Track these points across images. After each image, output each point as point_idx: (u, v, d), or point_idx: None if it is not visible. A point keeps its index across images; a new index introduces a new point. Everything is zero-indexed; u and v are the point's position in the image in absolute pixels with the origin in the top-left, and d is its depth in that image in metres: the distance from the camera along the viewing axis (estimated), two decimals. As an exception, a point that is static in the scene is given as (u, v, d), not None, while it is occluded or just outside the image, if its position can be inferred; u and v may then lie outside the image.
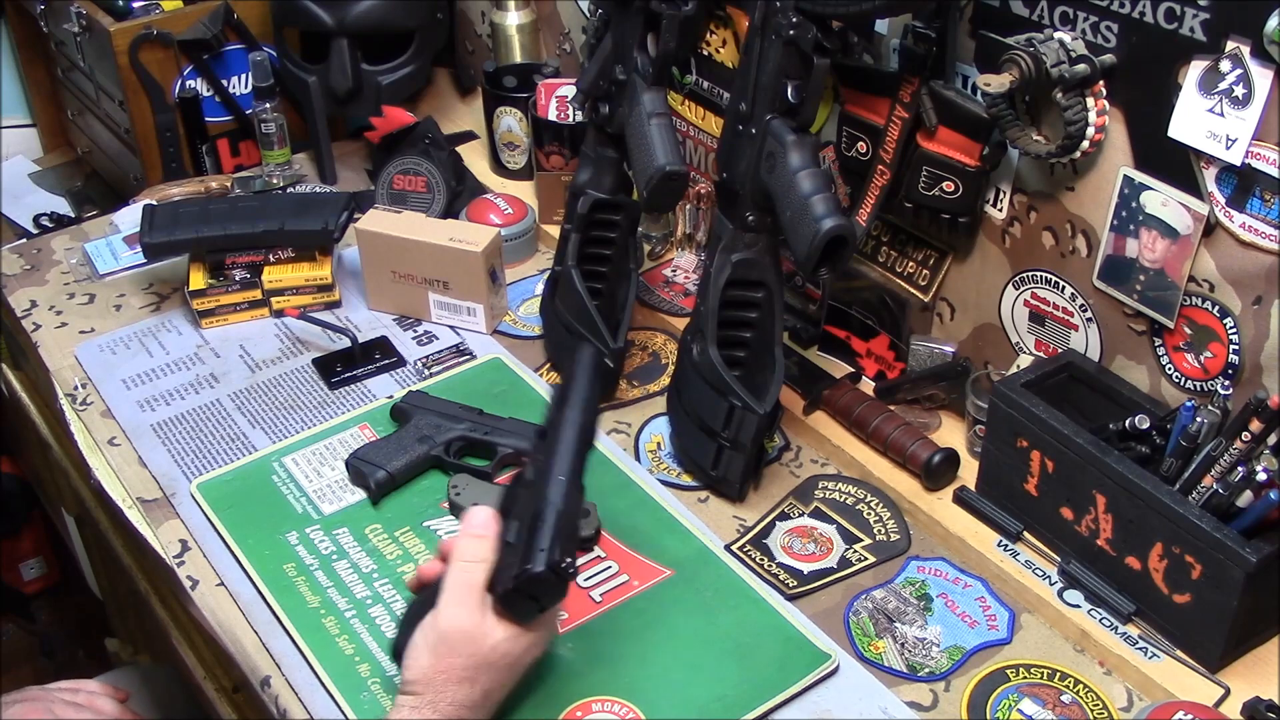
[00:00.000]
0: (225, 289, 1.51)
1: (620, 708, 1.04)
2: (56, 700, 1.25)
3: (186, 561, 1.21)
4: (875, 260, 1.37)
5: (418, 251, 1.47)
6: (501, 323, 1.53)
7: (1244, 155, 1.01)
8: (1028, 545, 1.19)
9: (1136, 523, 1.07)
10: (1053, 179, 1.18)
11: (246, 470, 1.30)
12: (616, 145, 1.36)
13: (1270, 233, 1.02)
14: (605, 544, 1.20)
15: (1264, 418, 1.01)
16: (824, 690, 1.07)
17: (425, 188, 1.67)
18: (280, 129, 1.76)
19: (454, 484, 1.24)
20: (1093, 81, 1.09)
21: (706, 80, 1.52)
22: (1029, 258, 1.23)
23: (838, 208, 1.11)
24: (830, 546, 1.21)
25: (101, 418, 1.39)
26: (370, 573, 1.18)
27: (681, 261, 1.61)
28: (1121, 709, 1.05)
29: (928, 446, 1.24)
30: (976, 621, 1.13)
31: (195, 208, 1.55)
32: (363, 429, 1.35)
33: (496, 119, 1.75)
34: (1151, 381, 1.17)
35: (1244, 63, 0.99)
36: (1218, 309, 1.09)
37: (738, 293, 1.23)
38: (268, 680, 1.10)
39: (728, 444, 1.23)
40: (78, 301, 1.58)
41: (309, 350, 1.48)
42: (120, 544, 1.55)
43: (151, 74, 1.75)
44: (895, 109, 1.24)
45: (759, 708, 1.04)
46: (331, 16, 1.72)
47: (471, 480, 1.24)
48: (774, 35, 1.14)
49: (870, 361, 1.40)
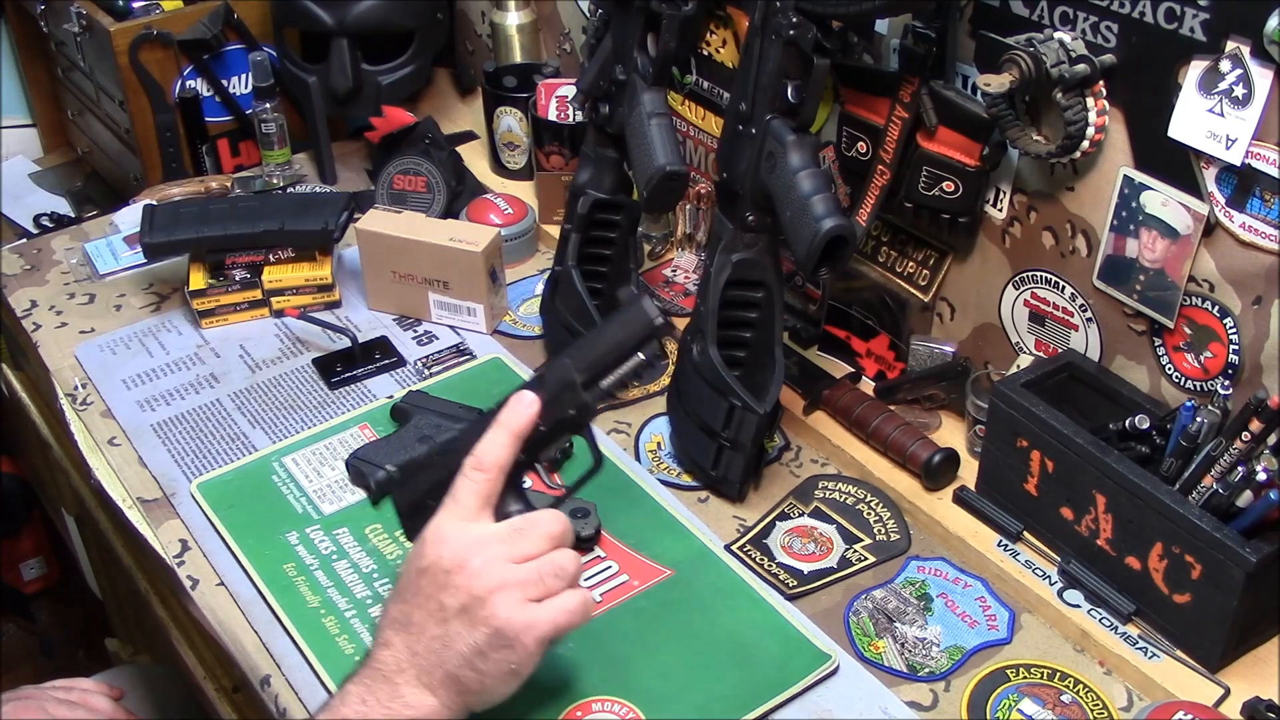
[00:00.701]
0: (225, 289, 1.51)
1: (620, 708, 1.04)
2: (50, 699, 1.25)
3: (186, 561, 1.21)
4: (875, 260, 1.37)
5: (418, 251, 1.47)
6: (501, 323, 1.53)
7: (1244, 155, 1.01)
8: (1028, 545, 1.19)
9: (1136, 523, 1.07)
10: (1053, 179, 1.18)
11: (246, 470, 1.30)
12: (616, 145, 1.36)
13: (1270, 233, 1.02)
14: (605, 544, 1.20)
15: (1264, 418, 1.01)
16: (824, 690, 1.07)
17: (425, 188, 1.67)
18: (280, 129, 1.76)
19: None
20: (1093, 81, 1.09)
21: (706, 80, 1.52)
22: (1029, 258, 1.23)
23: (838, 208, 1.11)
24: (830, 546, 1.21)
25: (101, 418, 1.39)
26: (370, 573, 1.18)
27: (681, 261, 1.61)
28: (1121, 709, 1.05)
29: (928, 446, 1.24)
30: (976, 621, 1.13)
31: (195, 208, 1.55)
32: (363, 429, 1.35)
33: (496, 119, 1.75)
34: (1151, 381, 1.17)
35: (1244, 63, 0.99)
36: (1218, 309, 1.09)
37: (738, 293, 1.23)
38: (268, 680, 1.10)
39: (728, 444, 1.23)
40: (78, 301, 1.58)
41: (309, 350, 1.49)
42: (120, 544, 1.55)
43: (151, 74, 1.75)
44: (895, 109, 1.24)
45: (759, 708, 1.04)
46: (331, 16, 1.72)
47: (471, 480, 1.24)
48: (774, 35, 1.14)
49: (870, 361, 1.40)
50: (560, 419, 0.99)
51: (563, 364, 0.99)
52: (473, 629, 0.91)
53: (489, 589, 0.91)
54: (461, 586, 0.91)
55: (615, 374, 0.98)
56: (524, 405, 0.97)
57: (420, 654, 0.92)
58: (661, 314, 0.97)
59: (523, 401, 0.98)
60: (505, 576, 0.91)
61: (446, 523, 0.95)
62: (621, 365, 0.98)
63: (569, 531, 0.96)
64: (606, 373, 0.98)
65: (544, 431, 0.99)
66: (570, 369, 0.98)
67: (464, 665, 0.91)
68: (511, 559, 0.92)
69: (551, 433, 0.99)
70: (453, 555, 0.93)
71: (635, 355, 0.98)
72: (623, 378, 0.99)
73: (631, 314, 0.98)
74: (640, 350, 0.98)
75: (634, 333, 0.98)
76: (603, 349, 0.99)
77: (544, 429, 0.99)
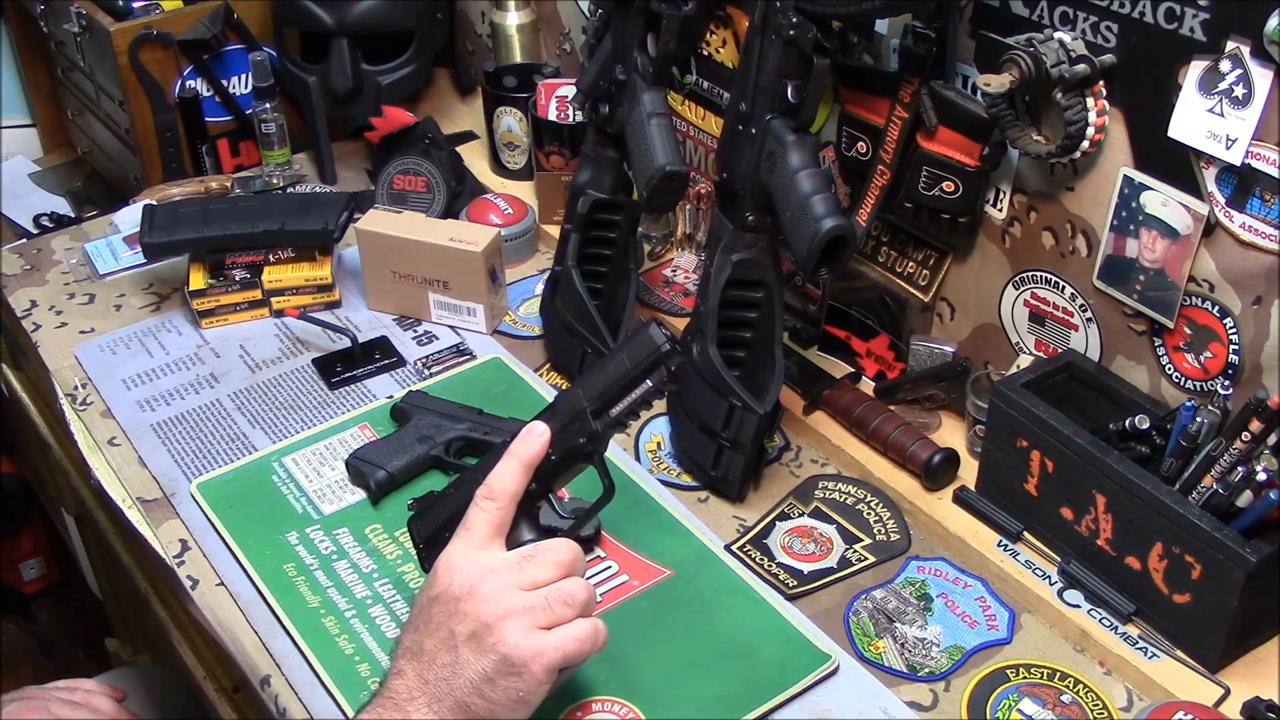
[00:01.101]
0: (225, 289, 1.51)
1: (620, 708, 1.04)
2: (53, 699, 1.25)
3: (186, 561, 1.21)
4: (875, 260, 1.37)
5: (418, 251, 1.47)
6: (501, 323, 1.53)
7: (1244, 155, 1.01)
8: (1028, 545, 1.19)
9: (1136, 523, 1.07)
10: (1053, 179, 1.18)
11: (246, 470, 1.30)
12: (616, 145, 1.36)
13: (1270, 233, 1.02)
14: (605, 544, 1.20)
15: (1264, 418, 1.01)
16: (824, 690, 1.07)
17: (425, 188, 1.67)
18: (280, 129, 1.76)
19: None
20: (1093, 81, 1.09)
21: (706, 80, 1.52)
22: (1029, 258, 1.23)
23: (838, 208, 1.11)
24: (830, 546, 1.21)
25: (101, 418, 1.39)
26: (370, 573, 1.18)
27: (681, 261, 1.61)
28: (1121, 709, 1.05)
29: (928, 446, 1.24)
30: (976, 621, 1.13)
31: (195, 208, 1.55)
32: (363, 429, 1.35)
33: (496, 119, 1.75)
34: (1151, 381, 1.17)
35: (1244, 63, 0.99)
36: (1218, 309, 1.09)
37: (738, 293, 1.23)
38: (268, 680, 1.10)
39: (728, 444, 1.23)
40: (78, 301, 1.58)
41: (309, 350, 1.49)
42: (120, 544, 1.55)
43: (151, 74, 1.75)
44: (895, 109, 1.24)
45: (759, 708, 1.04)
46: (331, 16, 1.72)
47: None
48: (774, 35, 1.14)
49: (870, 361, 1.40)
50: (571, 448, 1.00)
51: (573, 393, 1.01)
52: (481, 656, 0.91)
53: (498, 615, 0.91)
54: (470, 613, 0.92)
55: (624, 402, 1.00)
56: (535, 435, 0.99)
57: (431, 682, 0.92)
58: (670, 340, 0.98)
59: (534, 432, 0.99)
60: (514, 603, 0.92)
61: (457, 551, 0.96)
62: (630, 393, 1.00)
63: (580, 559, 0.96)
64: (616, 401, 1.00)
65: (555, 460, 1.00)
66: (580, 398, 1.00)
67: (473, 692, 0.91)
68: (520, 586, 0.93)
69: (563, 461, 1.01)
70: (462, 583, 0.93)
71: (644, 382, 0.99)
72: (632, 405, 1.00)
73: (639, 342, 0.99)
74: (648, 377, 0.99)
75: (641, 360, 0.99)
76: (611, 377, 1.00)
77: (555, 458, 1.00)
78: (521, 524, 1.00)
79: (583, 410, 1.00)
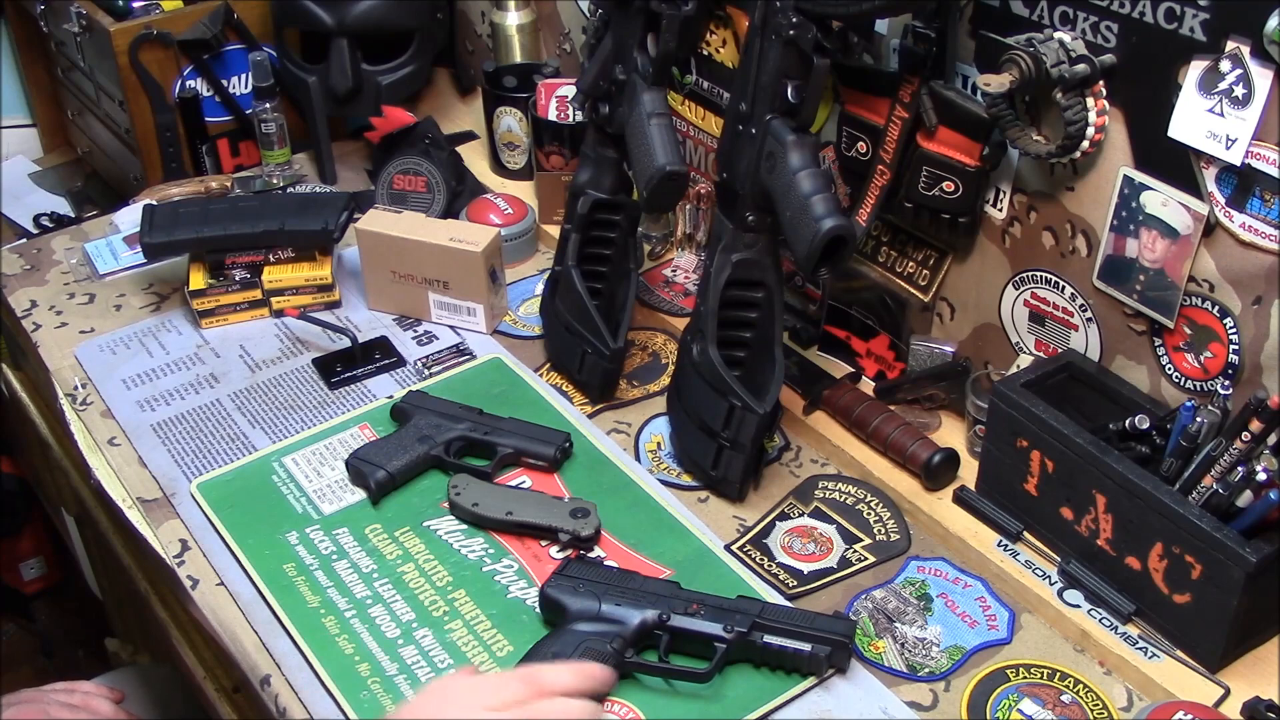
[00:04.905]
0: (225, 289, 1.51)
1: (620, 708, 1.04)
2: (52, 701, 1.25)
3: (186, 561, 1.21)
4: (875, 260, 1.37)
5: (418, 251, 1.47)
6: (501, 323, 1.53)
7: (1244, 155, 1.01)
8: (1028, 545, 1.19)
9: (1136, 523, 1.07)
10: (1053, 179, 1.18)
11: (246, 470, 1.30)
12: (616, 145, 1.36)
13: (1270, 233, 1.02)
14: (605, 544, 1.20)
15: (1264, 418, 1.01)
16: (824, 690, 1.07)
17: (425, 188, 1.67)
18: (280, 129, 1.76)
19: (454, 484, 1.24)
20: (1093, 81, 1.09)
21: (706, 80, 1.52)
22: (1029, 258, 1.23)
23: (838, 208, 1.11)
24: (830, 546, 1.21)
25: (101, 418, 1.39)
26: (370, 573, 1.18)
27: (681, 261, 1.61)
28: (1121, 709, 1.05)
29: (928, 446, 1.24)
30: (976, 621, 1.13)
31: (195, 208, 1.55)
32: (363, 429, 1.35)
33: (496, 119, 1.75)
34: (1151, 381, 1.17)
35: (1244, 63, 0.99)
36: (1218, 309, 1.09)
37: (738, 293, 1.23)
38: (268, 680, 1.10)
39: (728, 444, 1.23)
40: (78, 301, 1.58)
41: (309, 350, 1.49)
42: (120, 544, 1.55)
43: (151, 74, 1.75)
44: (895, 109, 1.24)
45: (759, 708, 1.04)
46: (331, 16, 1.72)
47: (471, 480, 1.24)
48: (774, 35, 1.14)
49: (870, 361, 1.40)
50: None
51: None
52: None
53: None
54: (416, 703, 0.92)
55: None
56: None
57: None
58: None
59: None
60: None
61: (451, 678, 0.96)
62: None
63: (582, 684, 0.93)
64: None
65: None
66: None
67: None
68: (488, 706, 0.89)
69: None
70: (432, 690, 0.93)
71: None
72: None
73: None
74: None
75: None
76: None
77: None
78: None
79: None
